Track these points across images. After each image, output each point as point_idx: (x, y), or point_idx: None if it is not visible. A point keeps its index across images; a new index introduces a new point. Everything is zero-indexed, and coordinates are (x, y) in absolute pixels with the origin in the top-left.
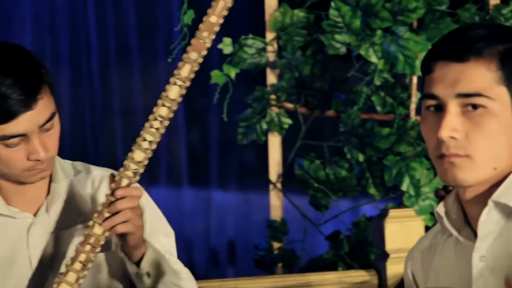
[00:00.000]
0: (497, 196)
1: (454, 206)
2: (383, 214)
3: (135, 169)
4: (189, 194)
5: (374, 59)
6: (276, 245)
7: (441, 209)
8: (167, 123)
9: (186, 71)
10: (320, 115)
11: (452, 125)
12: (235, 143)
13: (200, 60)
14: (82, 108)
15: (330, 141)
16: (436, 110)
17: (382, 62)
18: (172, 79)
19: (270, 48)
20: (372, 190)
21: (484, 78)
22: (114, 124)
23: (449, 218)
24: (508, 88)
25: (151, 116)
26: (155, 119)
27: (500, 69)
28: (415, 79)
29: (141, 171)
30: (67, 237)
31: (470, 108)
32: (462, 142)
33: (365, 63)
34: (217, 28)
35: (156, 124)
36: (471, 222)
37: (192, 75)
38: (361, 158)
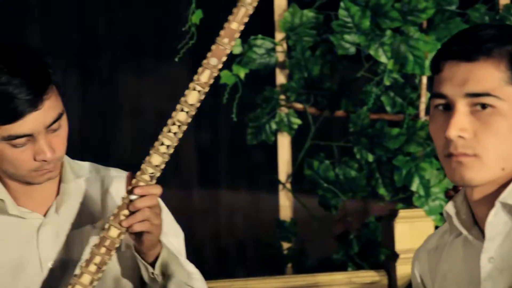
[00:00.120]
0: (504, 197)
1: (463, 206)
2: (393, 215)
3: (152, 173)
4: (198, 194)
5: (383, 59)
6: (285, 245)
7: (450, 208)
8: (185, 128)
9: (206, 77)
10: (330, 115)
11: (460, 124)
12: (244, 143)
13: (220, 66)
14: (91, 108)
15: (340, 141)
16: (445, 110)
17: (391, 62)
18: (191, 85)
19: (279, 48)
20: (381, 191)
21: (493, 78)
22: (123, 124)
23: (458, 218)
24: None
25: (169, 121)
26: (174, 124)
27: (510, 69)
28: (424, 79)
29: (158, 175)
30: (76, 237)
31: (478, 108)
32: (471, 142)
33: (374, 63)
34: (237, 35)
35: (174, 128)
36: (478, 222)
37: (211, 81)
38: (370, 158)
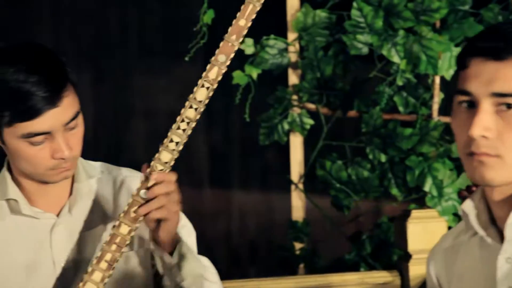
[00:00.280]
0: None
1: (480, 205)
2: (406, 215)
3: (162, 169)
4: (210, 194)
5: (396, 59)
6: (298, 245)
7: (468, 207)
8: (193, 124)
9: (214, 74)
10: (342, 115)
11: (484, 123)
12: (257, 143)
13: (228, 62)
14: (104, 108)
15: (352, 141)
16: (469, 107)
17: (404, 62)
18: (200, 81)
19: (292, 48)
20: (394, 191)
21: None
22: (135, 124)
23: (476, 217)
24: None
25: (178, 118)
26: (182, 121)
27: None
28: (437, 79)
29: (167, 172)
30: (89, 237)
31: (504, 108)
32: (494, 142)
33: (387, 63)
34: (245, 32)
35: (183, 125)
36: (497, 223)
37: (219, 78)
38: (383, 158)
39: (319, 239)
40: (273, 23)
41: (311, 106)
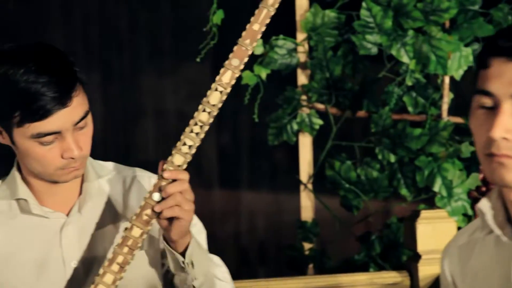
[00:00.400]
0: None
1: (497, 204)
2: (415, 215)
3: None
4: (220, 194)
5: (405, 59)
6: (307, 245)
7: (485, 206)
8: (207, 128)
9: (228, 77)
10: (351, 115)
11: (506, 125)
12: (266, 143)
13: (242, 67)
14: (113, 108)
15: (361, 141)
16: (489, 107)
17: (414, 62)
18: (213, 85)
19: (301, 48)
20: (403, 191)
21: None
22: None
23: (492, 216)
24: None
25: (191, 121)
26: (196, 124)
27: None
28: (447, 79)
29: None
30: (99, 236)
31: None
32: None
33: (396, 64)
34: (259, 36)
35: (196, 129)
36: None
37: (233, 81)
38: (392, 159)
39: (328, 240)
40: (282, 23)
41: (320, 106)
